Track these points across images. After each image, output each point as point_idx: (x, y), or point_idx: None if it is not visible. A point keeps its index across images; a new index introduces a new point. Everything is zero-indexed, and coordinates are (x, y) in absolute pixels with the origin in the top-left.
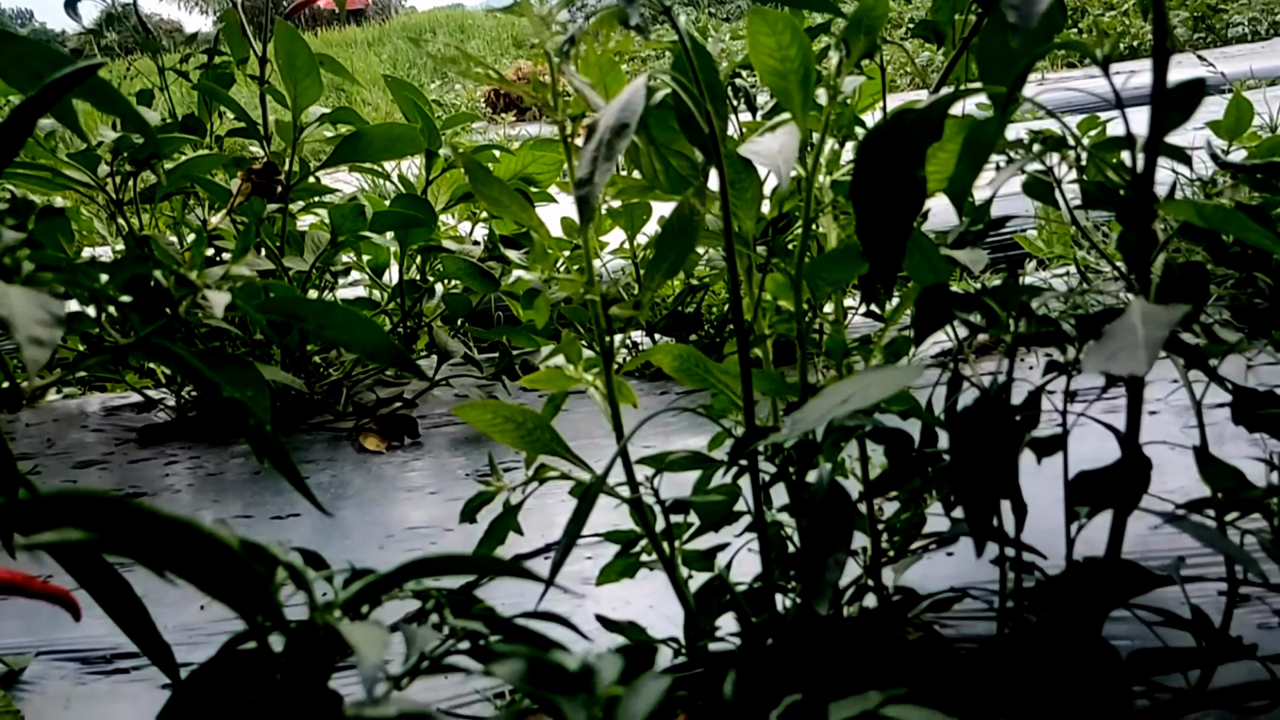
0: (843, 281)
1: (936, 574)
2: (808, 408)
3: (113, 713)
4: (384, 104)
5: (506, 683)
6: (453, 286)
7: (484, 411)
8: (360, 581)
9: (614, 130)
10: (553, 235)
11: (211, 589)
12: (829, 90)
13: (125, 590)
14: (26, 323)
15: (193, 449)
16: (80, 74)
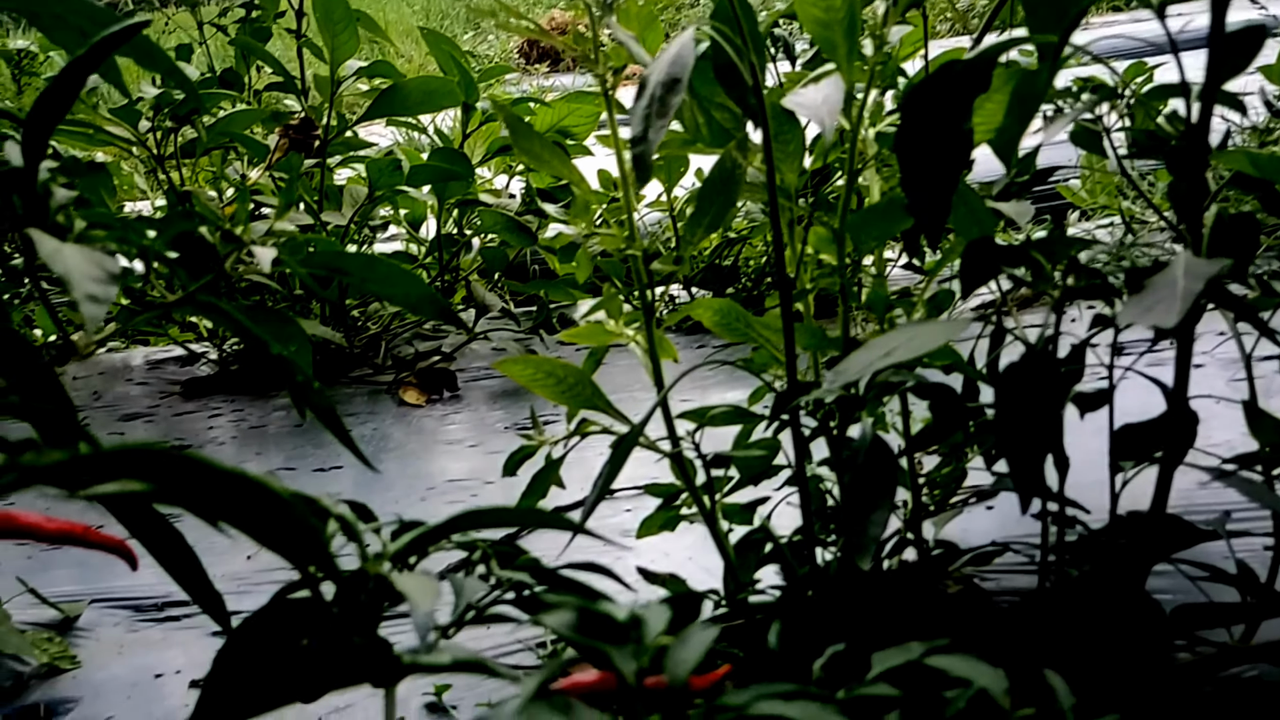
0: (887, 235)
1: (976, 528)
2: (850, 360)
3: (165, 659)
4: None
5: (557, 632)
6: (489, 240)
7: (525, 366)
8: (410, 533)
9: (665, 86)
10: (592, 189)
11: (268, 541)
12: (875, 39)
13: (177, 540)
14: (82, 280)
15: (235, 402)
16: (127, 31)
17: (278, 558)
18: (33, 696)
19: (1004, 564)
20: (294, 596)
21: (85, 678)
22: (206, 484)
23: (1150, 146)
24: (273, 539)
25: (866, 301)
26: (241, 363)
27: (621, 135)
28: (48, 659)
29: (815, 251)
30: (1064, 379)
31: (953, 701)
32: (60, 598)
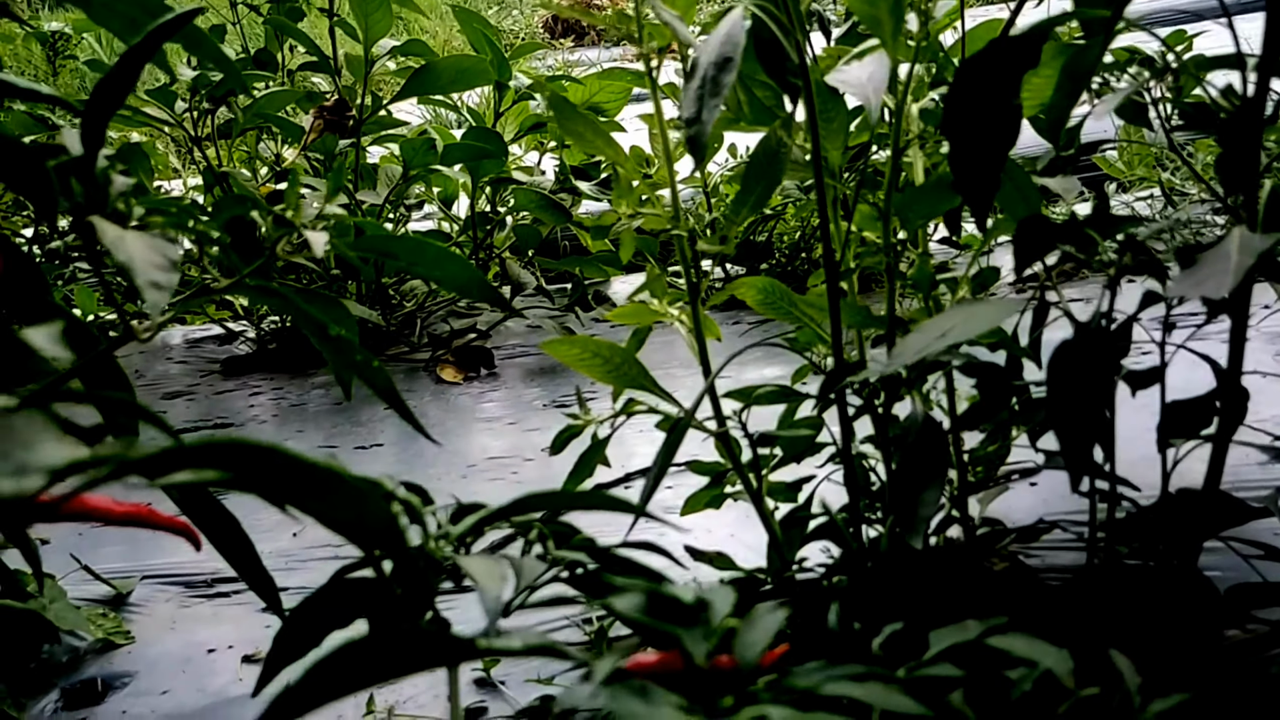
0: (934, 213)
1: (1019, 505)
2: (907, 341)
3: (217, 634)
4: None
5: (626, 615)
6: (521, 218)
7: (571, 346)
8: (474, 516)
9: (717, 65)
10: (636, 168)
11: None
12: (920, 14)
13: (230, 522)
14: (145, 267)
15: (274, 380)
16: (182, 18)
17: (322, 535)
18: (89, 671)
19: (1049, 541)
20: (351, 577)
21: (139, 652)
22: (286, 473)
23: (1199, 119)
24: (342, 524)
25: (912, 279)
26: (279, 341)
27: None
28: (103, 634)
29: (858, 229)
30: (1116, 356)
31: (1018, 682)
32: (111, 574)
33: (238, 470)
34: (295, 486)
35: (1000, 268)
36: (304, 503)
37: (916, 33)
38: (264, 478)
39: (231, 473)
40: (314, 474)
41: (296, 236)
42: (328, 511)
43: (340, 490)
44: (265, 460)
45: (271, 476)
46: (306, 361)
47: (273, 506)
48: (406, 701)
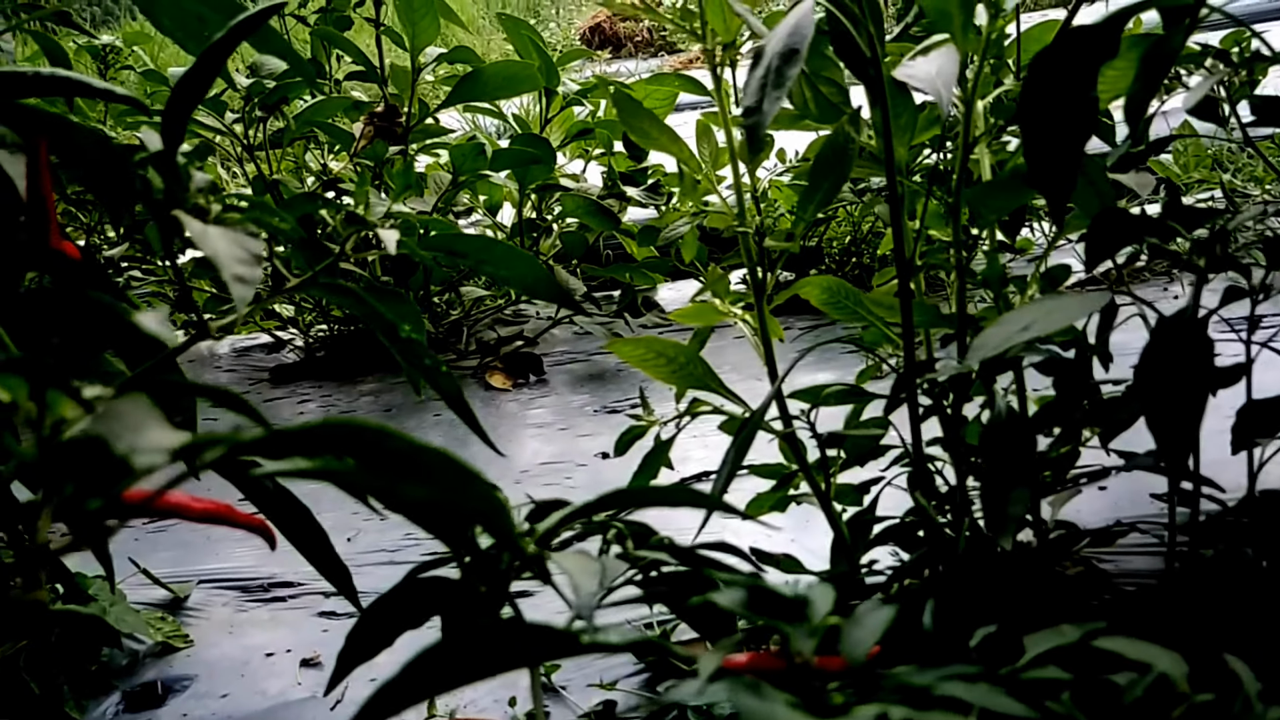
0: (1007, 209)
1: (1088, 509)
2: (986, 335)
3: (275, 638)
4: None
5: (731, 609)
6: (567, 225)
7: (635, 347)
8: (560, 513)
9: (782, 56)
10: (700, 167)
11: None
12: (989, 8)
13: (304, 515)
14: (230, 262)
15: (323, 387)
16: (264, 14)
17: (376, 540)
18: (149, 674)
19: (1122, 546)
20: (424, 577)
21: (198, 656)
22: (396, 456)
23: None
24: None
25: (982, 276)
26: (327, 349)
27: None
28: (162, 637)
29: (924, 227)
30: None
31: (1126, 686)
32: (166, 578)
33: (348, 452)
34: (404, 469)
35: (1069, 265)
36: (408, 486)
37: (986, 26)
38: (374, 460)
39: (342, 455)
40: (424, 456)
41: (367, 235)
42: (434, 495)
43: (450, 472)
44: (377, 442)
45: (381, 458)
46: (354, 369)
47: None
48: (467, 705)
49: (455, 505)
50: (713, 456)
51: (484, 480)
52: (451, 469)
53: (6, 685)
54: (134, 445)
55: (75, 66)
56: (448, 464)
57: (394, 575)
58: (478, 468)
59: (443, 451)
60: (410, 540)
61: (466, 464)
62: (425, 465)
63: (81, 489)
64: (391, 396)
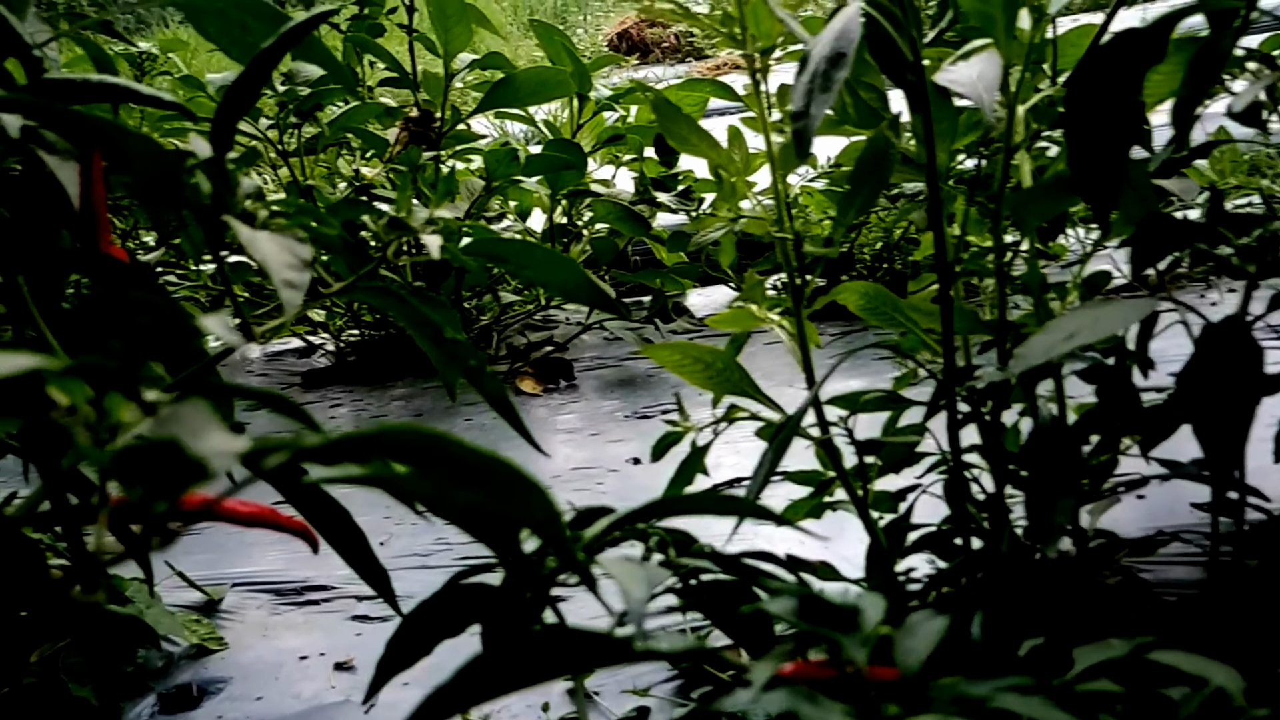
0: (1050, 215)
1: (1125, 517)
2: (1033, 342)
3: (308, 642)
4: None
5: (781, 618)
6: (597, 231)
7: (673, 352)
8: (605, 519)
9: (829, 60)
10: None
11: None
12: (1033, 12)
13: (345, 518)
14: (279, 267)
15: (354, 392)
16: (314, 21)
17: (409, 544)
18: (184, 676)
19: (1162, 555)
20: (465, 583)
21: (233, 659)
22: (455, 462)
23: None
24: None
25: (1022, 281)
26: (358, 354)
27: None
28: (197, 640)
29: (962, 233)
30: (1258, 360)
31: (1184, 701)
32: (201, 581)
33: (407, 459)
34: (463, 476)
35: (1109, 272)
36: (467, 493)
37: (1030, 30)
38: (433, 467)
39: (401, 461)
40: (484, 463)
41: (413, 239)
42: (493, 502)
43: (509, 479)
44: (437, 449)
45: (441, 465)
46: (385, 374)
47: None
48: (500, 711)
49: (513, 512)
50: (744, 463)
51: (542, 488)
52: (511, 476)
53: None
54: (202, 450)
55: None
56: (507, 471)
57: (427, 579)
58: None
59: (502, 459)
60: (442, 545)
61: (525, 472)
62: (485, 472)
63: (150, 493)
64: (422, 401)
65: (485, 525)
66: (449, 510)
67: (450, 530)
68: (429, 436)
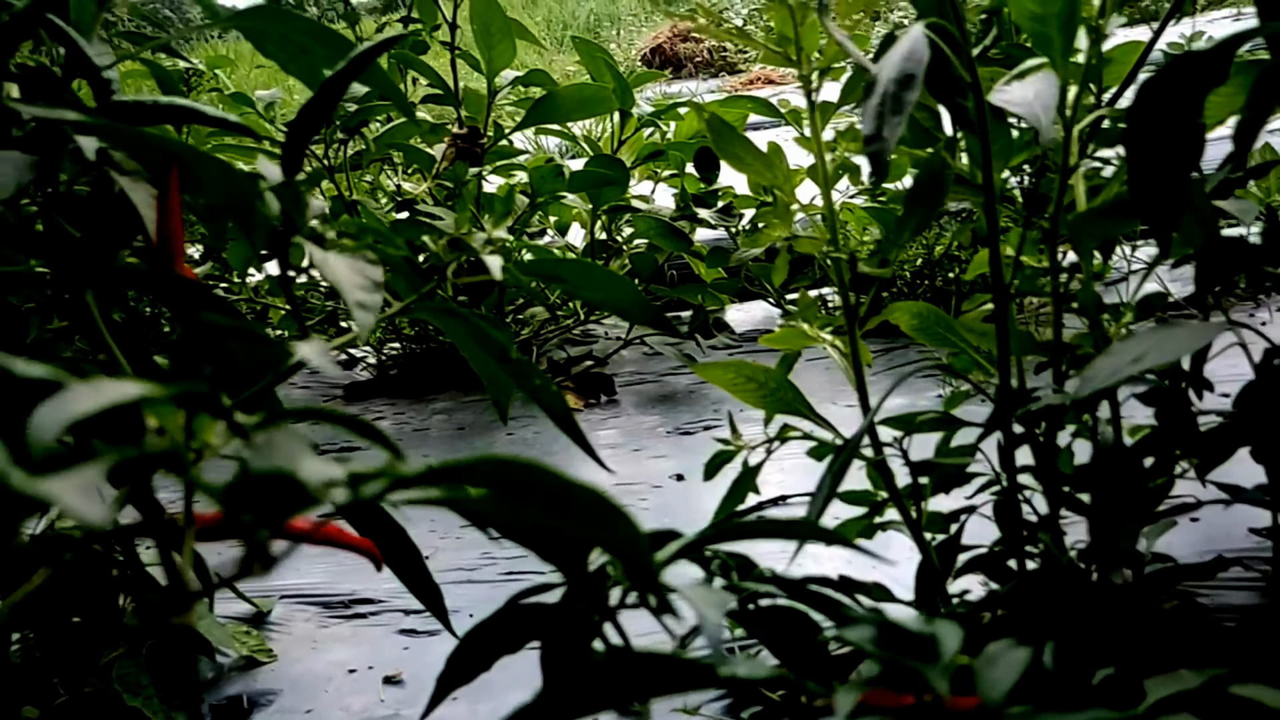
0: (1109, 236)
1: (1180, 540)
2: (1098, 365)
3: (357, 654)
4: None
5: (860, 646)
6: (636, 246)
7: (726, 370)
8: (677, 542)
9: (899, 82)
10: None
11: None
12: (1090, 33)
13: (402, 537)
14: (351, 288)
15: (396, 405)
16: (383, 46)
17: (453, 559)
18: (234, 688)
19: (1219, 579)
20: (525, 603)
21: (282, 671)
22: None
23: None
24: (549, 546)
25: (1079, 303)
26: (400, 368)
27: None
28: (247, 651)
29: (1018, 254)
30: None
31: None
32: (249, 592)
33: (497, 486)
34: (553, 504)
35: (1165, 293)
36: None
37: (1087, 51)
38: (524, 494)
39: (494, 488)
40: (574, 492)
41: (472, 259)
42: (579, 529)
43: (598, 507)
44: (529, 478)
45: (532, 493)
46: (426, 387)
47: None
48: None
49: (602, 539)
50: (789, 481)
51: (629, 516)
52: (601, 505)
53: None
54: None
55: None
56: (598, 500)
57: (472, 593)
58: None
59: (594, 488)
60: (487, 560)
61: (614, 500)
62: (576, 501)
63: (260, 519)
64: (464, 415)
65: (556, 548)
66: (522, 533)
67: (493, 546)
68: (525, 467)
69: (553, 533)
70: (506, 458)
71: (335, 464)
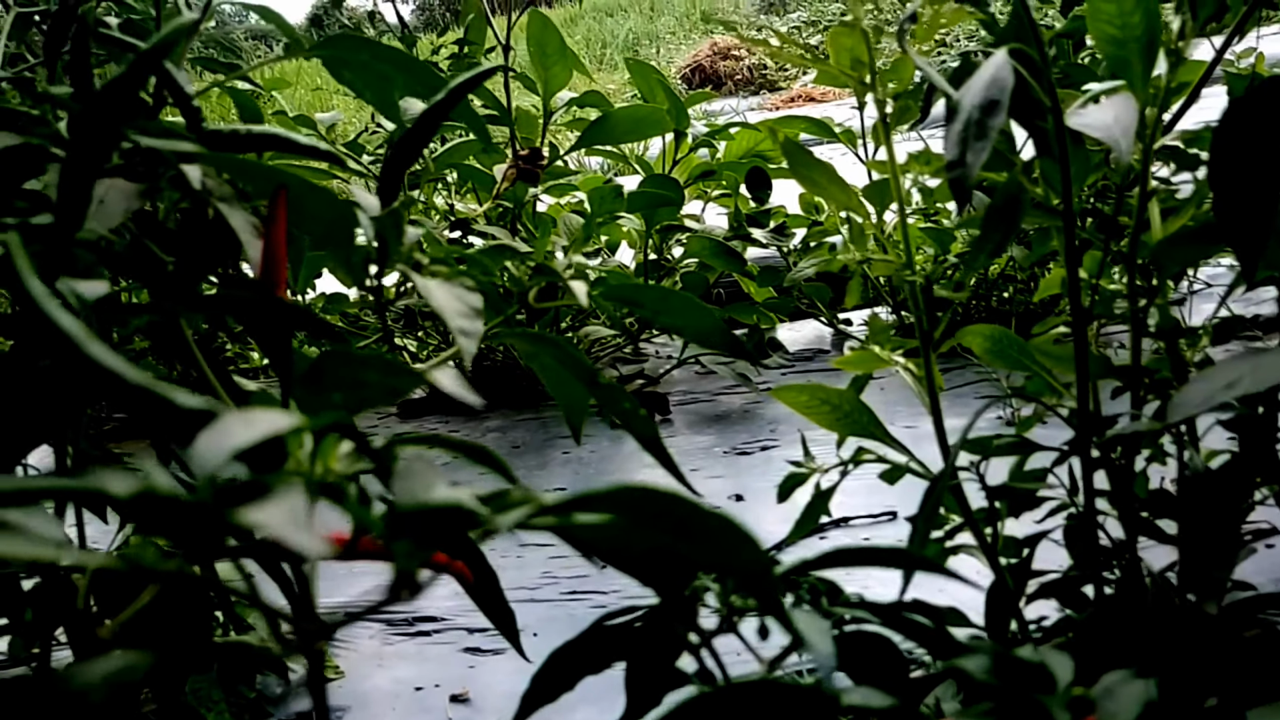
0: (1192, 261)
1: (1254, 567)
2: (1190, 390)
3: (422, 673)
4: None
5: (976, 676)
6: (686, 265)
7: (800, 393)
8: (779, 568)
9: (983, 109)
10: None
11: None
12: (1170, 57)
13: (480, 560)
14: (453, 315)
15: (450, 423)
16: (482, 76)
17: (510, 578)
18: (303, 704)
19: None
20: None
21: (349, 687)
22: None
23: None
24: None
25: (1156, 327)
26: None
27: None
28: None
29: (1099, 278)
30: None
31: None
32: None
33: (633, 513)
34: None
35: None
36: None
37: (1167, 74)
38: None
39: (626, 516)
40: (708, 520)
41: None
42: (713, 555)
43: (729, 534)
44: (666, 507)
45: (665, 521)
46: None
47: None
48: None
49: (730, 564)
50: (850, 502)
51: (755, 542)
52: (730, 530)
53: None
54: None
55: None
56: (726, 526)
57: (535, 611)
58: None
59: (725, 515)
60: (548, 579)
61: (744, 527)
62: (705, 526)
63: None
64: (518, 433)
65: (660, 573)
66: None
67: (554, 565)
68: (662, 495)
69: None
70: (643, 486)
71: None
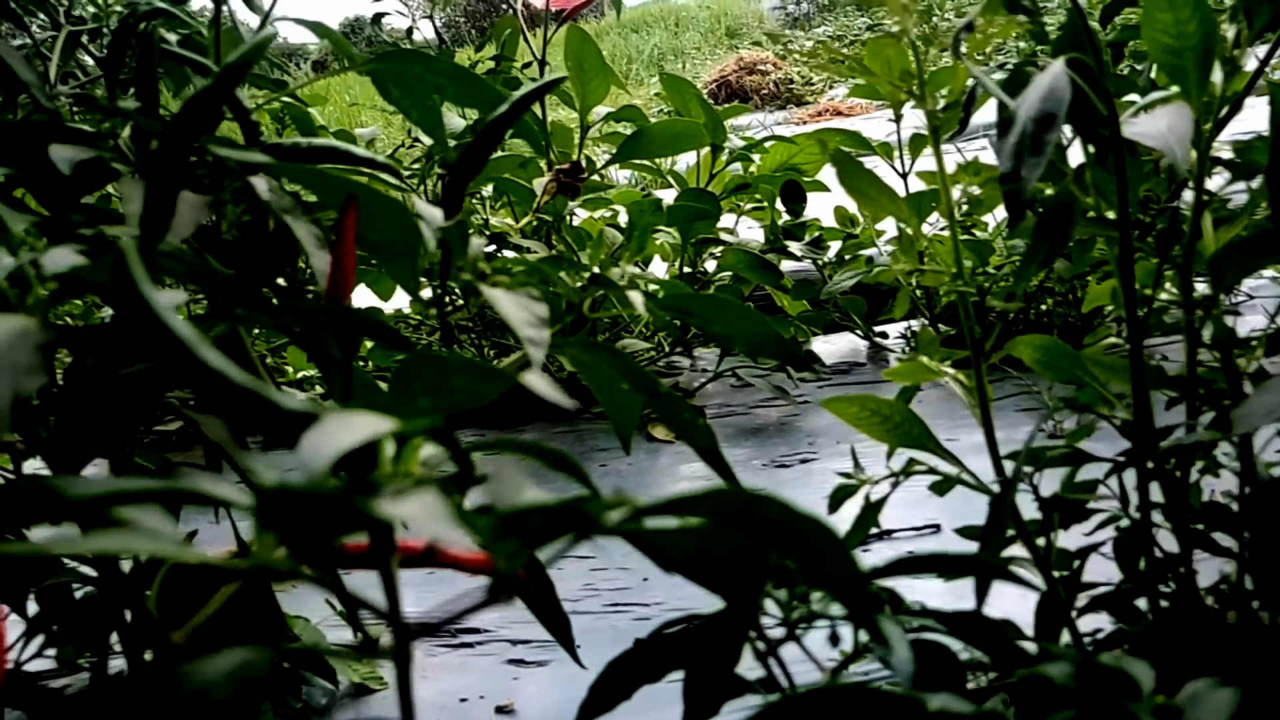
0: (1251, 270)
1: None
2: (1254, 403)
3: (465, 684)
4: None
5: (1060, 682)
6: (721, 278)
7: (850, 404)
8: None
9: (1038, 121)
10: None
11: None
12: (1226, 66)
13: (539, 570)
14: (521, 324)
15: (484, 434)
16: (545, 88)
17: (560, 589)
18: (347, 715)
19: None
20: (669, 632)
21: (394, 699)
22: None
23: None
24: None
25: (1211, 338)
26: None
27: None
28: (358, 679)
29: (1154, 288)
30: None
31: None
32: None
33: (725, 517)
34: (778, 535)
35: None
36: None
37: (1222, 83)
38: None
39: (719, 520)
40: (801, 523)
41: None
42: (805, 559)
43: (823, 538)
44: (759, 511)
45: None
46: (515, 417)
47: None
48: None
49: (823, 570)
50: (890, 514)
51: (847, 548)
52: (825, 535)
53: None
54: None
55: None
56: (821, 530)
57: (577, 623)
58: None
59: (820, 519)
60: (589, 591)
61: (836, 531)
62: (800, 531)
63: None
64: (554, 445)
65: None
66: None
67: (596, 576)
68: (758, 498)
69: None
70: (736, 489)
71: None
